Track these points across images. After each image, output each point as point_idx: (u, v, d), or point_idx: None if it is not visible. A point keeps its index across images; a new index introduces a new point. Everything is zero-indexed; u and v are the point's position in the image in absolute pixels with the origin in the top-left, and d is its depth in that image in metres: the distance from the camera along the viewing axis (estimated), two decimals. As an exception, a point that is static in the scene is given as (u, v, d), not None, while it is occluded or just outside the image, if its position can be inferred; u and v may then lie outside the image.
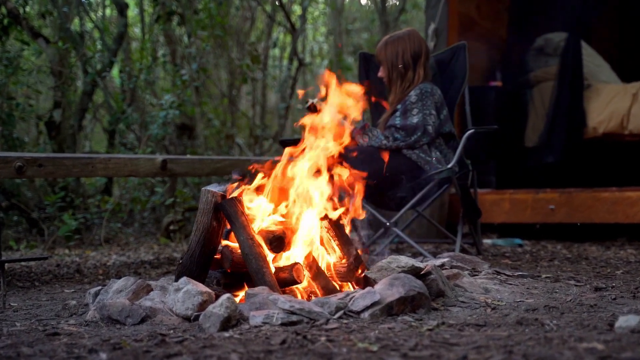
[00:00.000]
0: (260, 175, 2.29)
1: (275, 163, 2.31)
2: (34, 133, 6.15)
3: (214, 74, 6.93)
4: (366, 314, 1.83)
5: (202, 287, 1.95)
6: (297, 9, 8.45)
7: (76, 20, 5.82)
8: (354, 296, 1.91)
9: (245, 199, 2.23)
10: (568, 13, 5.18)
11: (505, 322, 1.73)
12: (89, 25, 6.34)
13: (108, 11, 7.36)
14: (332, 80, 2.49)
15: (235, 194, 2.19)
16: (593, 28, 5.52)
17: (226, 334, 1.68)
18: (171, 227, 4.81)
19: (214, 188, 2.23)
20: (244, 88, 7.59)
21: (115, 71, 6.92)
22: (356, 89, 2.53)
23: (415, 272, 2.06)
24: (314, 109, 3.41)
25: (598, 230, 4.53)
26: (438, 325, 1.71)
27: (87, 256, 4.01)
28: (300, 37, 8.02)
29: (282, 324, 1.75)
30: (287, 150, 2.36)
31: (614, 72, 5.39)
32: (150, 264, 3.62)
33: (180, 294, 1.94)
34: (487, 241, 4.34)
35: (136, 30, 7.88)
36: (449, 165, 3.20)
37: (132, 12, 7.97)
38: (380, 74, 3.47)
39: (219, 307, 1.78)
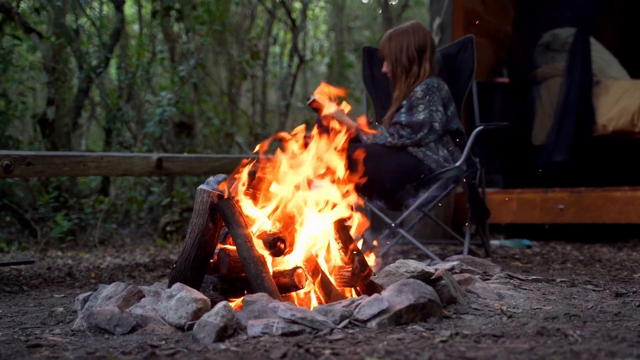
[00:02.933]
0: (258, 173, 2.15)
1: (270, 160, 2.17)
2: (32, 132, 6.01)
3: (213, 72, 6.79)
4: (373, 323, 1.70)
5: (196, 294, 1.82)
6: (298, 5, 8.31)
7: (72, 16, 5.67)
8: (359, 303, 1.78)
9: (244, 198, 2.09)
10: (575, 8, 5.06)
11: (525, 333, 1.60)
12: (84, 21, 6.19)
13: (106, 8, 7.22)
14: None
15: (232, 194, 2.06)
16: (599, 24, 5.38)
17: (222, 346, 1.55)
18: (168, 228, 4.67)
19: (212, 183, 2.10)
20: (243, 86, 7.46)
21: (112, 69, 6.79)
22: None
23: (425, 277, 1.92)
24: (315, 106, 3.28)
25: (608, 230, 4.39)
26: (452, 336, 1.58)
27: (81, 258, 3.87)
28: (301, 35, 7.88)
29: (283, 335, 1.62)
30: (286, 146, 2.21)
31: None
32: (146, 266, 3.48)
33: (173, 302, 1.81)
34: (494, 242, 4.21)
35: (135, 29, 7.75)
36: (457, 164, 3.06)
37: (131, 9, 7.83)
38: (385, 69, 3.33)
39: (214, 316, 1.65)
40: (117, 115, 5.29)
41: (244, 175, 2.11)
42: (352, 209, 2.18)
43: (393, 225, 3.15)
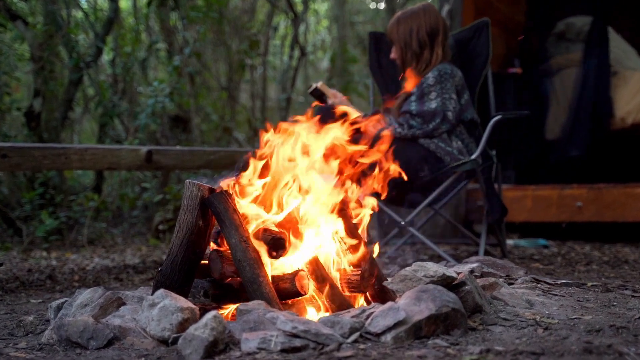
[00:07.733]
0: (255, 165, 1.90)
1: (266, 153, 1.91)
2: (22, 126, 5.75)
3: (212, 67, 6.53)
4: (388, 337, 1.45)
5: (182, 302, 1.57)
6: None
7: (62, 5, 5.41)
8: (372, 313, 1.53)
9: (239, 192, 1.84)
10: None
11: (568, 349, 1.35)
12: (77, 13, 5.94)
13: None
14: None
15: (226, 187, 1.81)
16: (615, 12, 5.13)
17: (210, 365, 1.31)
18: (160, 227, 4.41)
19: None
20: (243, 80, 7.20)
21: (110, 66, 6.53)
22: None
23: (446, 282, 1.67)
24: (318, 94, 3.04)
25: (625, 229, 4.13)
26: (482, 353, 1.33)
27: (66, 259, 3.61)
28: (302, 27, 7.63)
29: (282, 351, 1.38)
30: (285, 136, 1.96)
31: (641, 59, 5.00)
32: (135, 268, 3.23)
33: (156, 311, 1.56)
34: (508, 242, 3.95)
35: (133, 22, 7.50)
36: (473, 157, 2.81)
37: (128, 3, 7.58)
38: (393, 55, 3.08)
39: (202, 329, 1.40)
40: (109, 107, 5.02)
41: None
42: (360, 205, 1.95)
43: (403, 223, 2.90)
